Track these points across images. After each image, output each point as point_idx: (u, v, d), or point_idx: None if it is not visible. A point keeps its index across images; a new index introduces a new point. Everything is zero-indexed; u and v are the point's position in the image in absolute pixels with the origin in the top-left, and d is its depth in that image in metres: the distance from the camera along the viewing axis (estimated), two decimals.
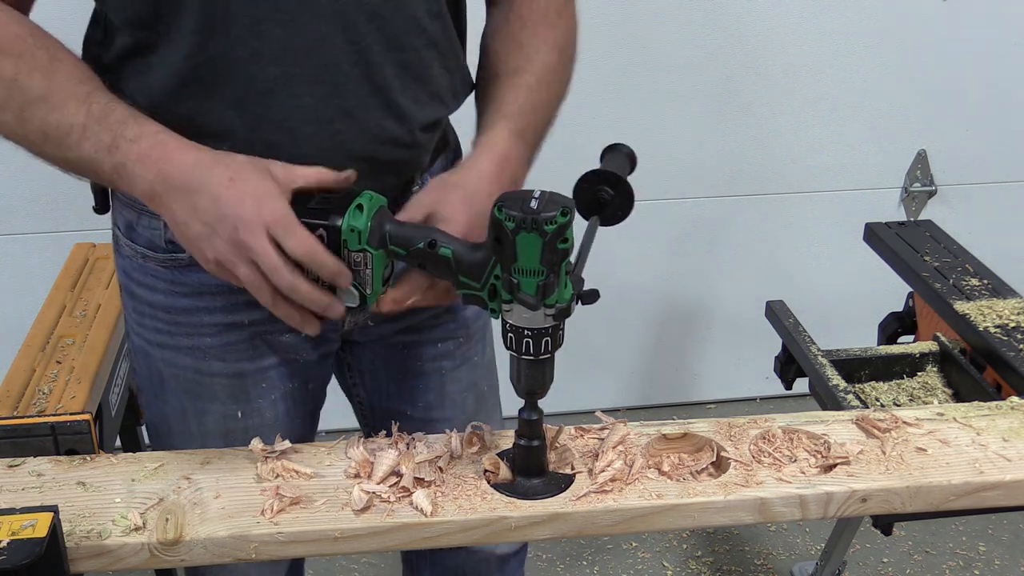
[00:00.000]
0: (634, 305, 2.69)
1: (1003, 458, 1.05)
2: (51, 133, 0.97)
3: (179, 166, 0.96)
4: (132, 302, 1.19)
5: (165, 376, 1.20)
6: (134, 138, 0.97)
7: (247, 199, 0.94)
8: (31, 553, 0.83)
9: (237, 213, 0.94)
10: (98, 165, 0.98)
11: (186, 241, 0.98)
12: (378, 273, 1.00)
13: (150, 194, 0.97)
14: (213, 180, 0.95)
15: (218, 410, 1.21)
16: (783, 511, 1.01)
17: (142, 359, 1.22)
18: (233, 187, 0.95)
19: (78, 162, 0.99)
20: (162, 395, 1.22)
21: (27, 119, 0.98)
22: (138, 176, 0.97)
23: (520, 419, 1.00)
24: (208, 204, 0.95)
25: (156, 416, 1.26)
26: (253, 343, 1.18)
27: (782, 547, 2.36)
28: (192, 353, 1.17)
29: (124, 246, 1.17)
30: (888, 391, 1.61)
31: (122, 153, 0.96)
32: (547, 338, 0.96)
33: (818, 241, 2.68)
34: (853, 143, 2.57)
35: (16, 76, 0.97)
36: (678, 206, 2.58)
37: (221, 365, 1.18)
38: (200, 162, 0.97)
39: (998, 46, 2.51)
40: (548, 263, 0.92)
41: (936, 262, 1.73)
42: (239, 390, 1.20)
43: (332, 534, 0.95)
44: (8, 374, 1.30)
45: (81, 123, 0.96)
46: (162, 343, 1.18)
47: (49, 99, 0.97)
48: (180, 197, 0.96)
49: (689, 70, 2.41)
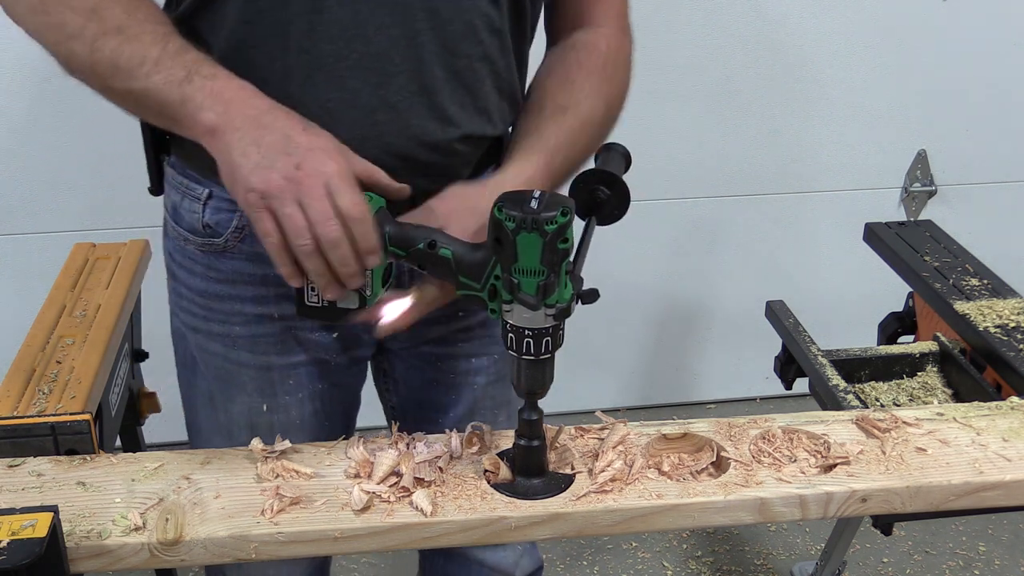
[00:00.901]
0: (634, 305, 2.69)
1: (1003, 458, 1.05)
2: (122, 63, 0.97)
3: (253, 106, 0.96)
4: (173, 283, 1.22)
5: (198, 359, 1.23)
6: (209, 75, 0.97)
7: (317, 147, 0.95)
8: (31, 553, 0.83)
9: (304, 154, 0.93)
10: (165, 95, 0.97)
11: (235, 173, 0.95)
12: (378, 274, 1.00)
13: (211, 127, 0.96)
14: (287, 123, 0.96)
15: (244, 401, 1.22)
16: (783, 511, 1.01)
17: (179, 341, 1.26)
18: (306, 134, 0.96)
19: (143, 93, 0.98)
20: (193, 379, 1.25)
21: (99, 48, 0.97)
22: (206, 109, 0.96)
23: (520, 419, 1.00)
24: (276, 140, 0.94)
25: (187, 398, 1.30)
26: (282, 338, 1.19)
27: (782, 547, 2.36)
28: (223, 340, 1.19)
29: (170, 228, 1.20)
30: (888, 391, 1.61)
31: (195, 87, 0.96)
32: (548, 338, 0.96)
33: (818, 241, 2.68)
34: (853, 143, 2.57)
35: (97, 7, 0.97)
36: (678, 206, 2.58)
37: (249, 356, 1.19)
38: (275, 107, 0.98)
39: (998, 46, 2.51)
40: (549, 263, 0.92)
41: (936, 262, 1.73)
42: (266, 383, 1.21)
43: (332, 534, 0.95)
44: (8, 374, 1.30)
45: (155, 56, 0.96)
46: (196, 327, 1.21)
47: (126, 31, 0.97)
48: (245, 131, 0.95)
49: (689, 70, 2.41)
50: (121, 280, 1.58)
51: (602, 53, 1.15)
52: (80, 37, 0.98)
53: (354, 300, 1.00)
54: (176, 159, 1.18)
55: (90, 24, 0.97)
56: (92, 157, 2.25)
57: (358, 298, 1.00)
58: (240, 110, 0.96)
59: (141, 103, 1.00)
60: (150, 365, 1.71)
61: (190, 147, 1.05)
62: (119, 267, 1.63)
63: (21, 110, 2.19)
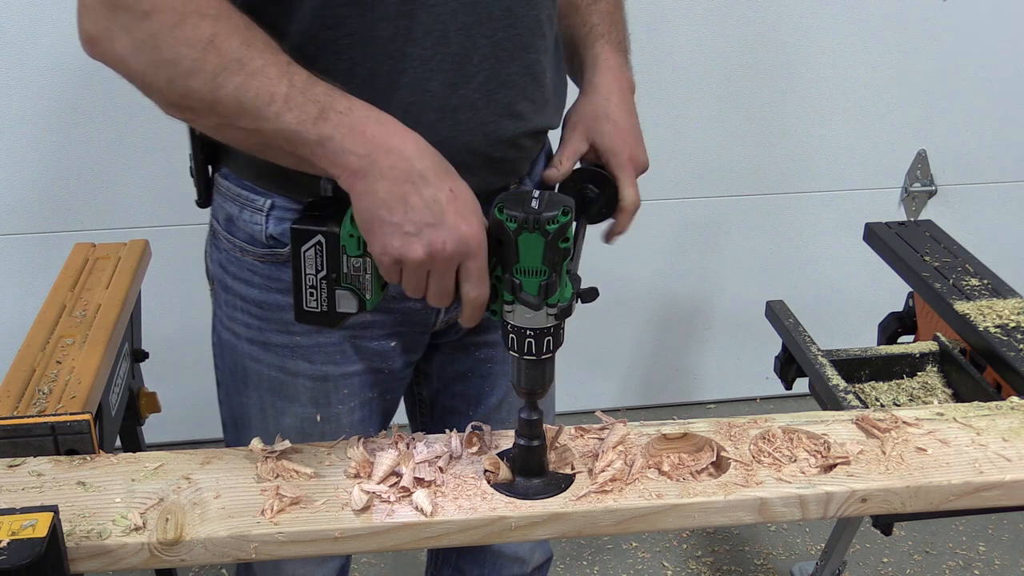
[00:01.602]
0: (634, 305, 2.69)
1: (1003, 458, 1.05)
2: (248, 102, 0.92)
3: (398, 152, 0.94)
4: (225, 295, 1.20)
5: (249, 371, 1.21)
6: (345, 110, 0.94)
7: (463, 220, 0.94)
8: (31, 553, 0.83)
9: (450, 231, 0.94)
10: (300, 137, 0.93)
11: (375, 226, 0.94)
12: (377, 278, 1.00)
13: (356, 171, 0.94)
14: (436, 182, 0.95)
15: (297, 412, 1.21)
16: (783, 511, 1.01)
17: (228, 352, 1.23)
18: (454, 200, 0.95)
19: (275, 134, 0.94)
20: (243, 390, 1.23)
21: (221, 85, 0.91)
22: (348, 151, 0.93)
23: (520, 419, 1.00)
24: (424, 202, 0.94)
25: (234, 411, 1.27)
26: (342, 348, 1.18)
27: (782, 547, 2.36)
28: (279, 351, 1.18)
29: (222, 239, 1.17)
30: (888, 391, 1.61)
31: (331, 124, 0.93)
32: (549, 338, 0.96)
33: (818, 241, 2.68)
34: (853, 143, 2.57)
35: (214, 38, 0.91)
36: (678, 206, 2.58)
37: (307, 366, 1.18)
38: (421, 153, 0.95)
39: (998, 46, 2.51)
40: (550, 263, 0.92)
41: (936, 262, 1.73)
42: (320, 394, 1.20)
43: (332, 534, 0.95)
44: (8, 374, 1.30)
45: (284, 93, 0.92)
46: (251, 337, 1.19)
47: (247, 64, 0.91)
48: (393, 183, 0.93)
49: (689, 70, 2.41)
50: (121, 280, 1.58)
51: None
52: (199, 73, 0.91)
53: (353, 305, 1.00)
54: (230, 171, 1.15)
55: (208, 58, 0.90)
56: (92, 157, 2.25)
57: (357, 303, 1.00)
58: (386, 154, 0.94)
59: (270, 143, 0.95)
60: (150, 365, 1.71)
61: (246, 158, 1.05)
62: (119, 267, 1.63)
63: (20, 110, 2.19)
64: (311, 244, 0.97)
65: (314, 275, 0.98)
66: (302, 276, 0.98)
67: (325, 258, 0.97)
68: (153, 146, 2.26)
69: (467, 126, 1.07)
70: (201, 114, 0.95)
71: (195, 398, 2.53)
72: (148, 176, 2.29)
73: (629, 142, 1.17)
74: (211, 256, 1.22)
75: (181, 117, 0.97)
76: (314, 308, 1.00)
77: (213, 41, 0.91)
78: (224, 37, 0.91)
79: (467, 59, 1.05)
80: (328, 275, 0.98)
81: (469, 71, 1.05)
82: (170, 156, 2.27)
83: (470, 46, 1.04)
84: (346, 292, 0.99)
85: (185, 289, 2.41)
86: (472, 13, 1.03)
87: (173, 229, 2.34)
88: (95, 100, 2.20)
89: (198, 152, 1.15)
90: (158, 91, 0.94)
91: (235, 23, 0.93)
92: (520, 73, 1.09)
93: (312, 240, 0.96)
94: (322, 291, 0.98)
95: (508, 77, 1.08)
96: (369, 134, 0.94)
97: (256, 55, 0.92)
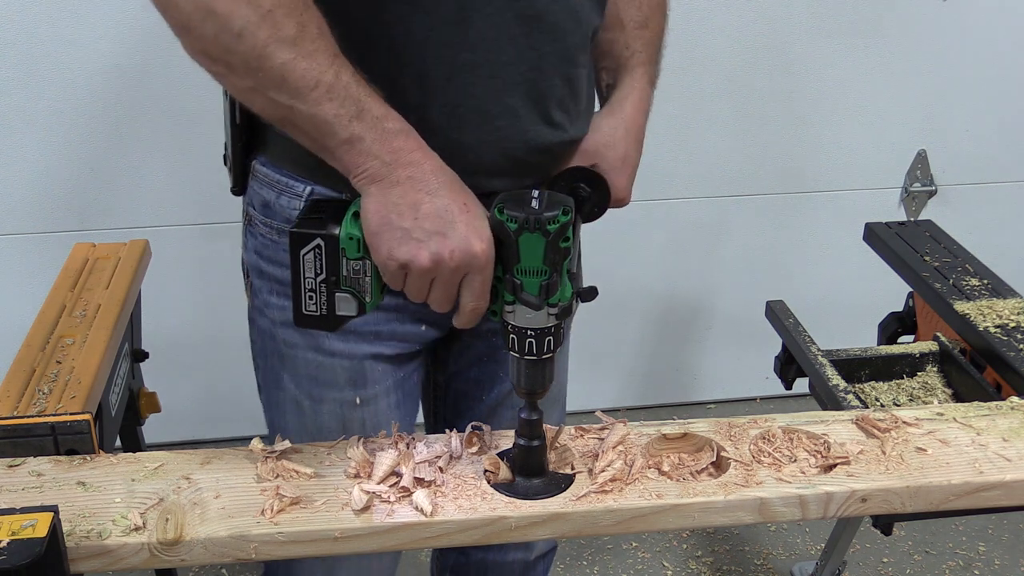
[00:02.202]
0: (634, 305, 2.69)
1: (1003, 458, 1.05)
2: (292, 80, 0.92)
3: (418, 165, 0.97)
4: (260, 281, 1.21)
5: (285, 358, 1.22)
6: (380, 116, 0.96)
7: (472, 234, 0.95)
8: (31, 553, 0.83)
9: (458, 241, 0.95)
10: (332, 128, 0.94)
11: (384, 230, 0.96)
12: (376, 280, 1.00)
13: (374, 176, 0.96)
14: (449, 195, 0.96)
15: (335, 397, 1.22)
16: (783, 511, 1.01)
17: (267, 342, 1.24)
18: (464, 213, 0.96)
19: (308, 118, 0.94)
20: (281, 382, 1.24)
21: (269, 55, 0.91)
22: (373, 154, 0.95)
23: (520, 419, 1.00)
24: (434, 211, 0.96)
25: (273, 411, 1.28)
26: (376, 330, 1.19)
27: (782, 547, 2.36)
28: (314, 331, 1.18)
29: (258, 224, 1.18)
30: (888, 391, 1.61)
31: (365, 127, 0.95)
32: (549, 337, 0.96)
33: (818, 241, 2.68)
34: (853, 143, 2.57)
35: (275, 8, 0.91)
36: (678, 206, 2.58)
37: (342, 345, 1.19)
38: (440, 171, 0.98)
39: (998, 46, 2.51)
40: (551, 263, 0.92)
41: (936, 262, 1.73)
42: (358, 374, 1.21)
43: (332, 534, 0.95)
44: (8, 374, 1.30)
45: (329, 81, 0.93)
46: (286, 320, 1.19)
47: (300, 44, 0.92)
48: (407, 191, 0.96)
49: (688, 70, 2.41)
50: (121, 280, 1.58)
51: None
52: (249, 38, 0.91)
53: (353, 308, 1.00)
54: (267, 159, 1.16)
55: (263, 26, 0.90)
56: (92, 157, 2.25)
57: (356, 306, 1.00)
58: (406, 166, 0.96)
59: (297, 124, 0.96)
60: (150, 365, 1.71)
61: (284, 146, 1.07)
62: (119, 267, 1.62)
63: (20, 110, 2.19)
64: (310, 248, 0.97)
65: (313, 278, 0.98)
66: (301, 280, 0.98)
67: (324, 261, 0.97)
68: (153, 146, 2.26)
69: (506, 132, 1.09)
70: (238, 74, 0.94)
71: (195, 398, 2.53)
72: (148, 176, 2.29)
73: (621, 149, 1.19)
74: (246, 246, 1.23)
75: (212, 69, 0.95)
76: (313, 312, 1.00)
77: (273, 12, 0.91)
78: (284, 13, 0.91)
79: (514, 68, 1.06)
80: (327, 278, 0.98)
81: (514, 80, 1.07)
82: (170, 156, 2.27)
83: (518, 56, 1.06)
84: (346, 295, 0.99)
85: (185, 289, 2.42)
86: (525, 24, 1.05)
87: (173, 229, 2.35)
88: (95, 100, 2.20)
89: (237, 140, 1.16)
90: (199, 38, 0.93)
91: (295, 2, 0.92)
92: (561, 85, 1.11)
93: (311, 244, 0.96)
94: (321, 294, 0.98)
95: (550, 88, 1.10)
96: (396, 145, 0.96)
97: (309, 39, 0.93)
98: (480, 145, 1.07)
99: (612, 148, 1.17)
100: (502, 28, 1.04)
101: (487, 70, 1.05)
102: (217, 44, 0.92)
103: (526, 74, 1.08)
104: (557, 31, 1.08)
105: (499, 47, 1.05)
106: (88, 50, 2.15)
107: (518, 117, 1.09)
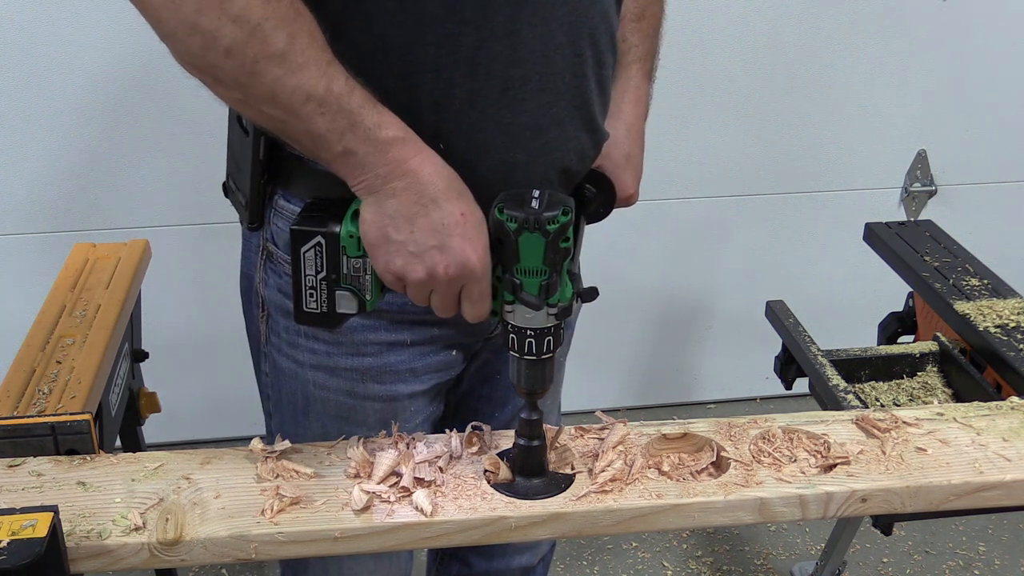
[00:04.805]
0: (634, 305, 2.69)
1: (1003, 458, 1.05)
2: (282, 96, 0.90)
3: (415, 175, 0.94)
4: (286, 321, 1.15)
5: (312, 399, 1.18)
6: (373, 126, 0.93)
7: (468, 246, 0.95)
8: (31, 553, 0.83)
9: (454, 255, 0.95)
10: (325, 142, 0.93)
11: (380, 243, 0.96)
12: (376, 279, 1.00)
13: (369, 185, 0.95)
14: (447, 206, 0.95)
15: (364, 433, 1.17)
16: (783, 511, 1.01)
17: (286, 382, 1.19)
18: (462, 224, 0.95)
19: (303, 134, 0.93)
20: (304, 420, 1.20)
21: (258, 72, 0.89)
22: (366, 167, 0.94)
23: (520, 419, 1.00)
24: (431, 224, 0.94)
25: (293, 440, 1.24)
26: (412, 366, 1.17)
27: (782, 547, 2.36)
28: (348, 375, 1.16)
29: (282, 263, 1.13)
30: (888, 391, 1.61)
31: (357, 140, 0.93)
32: (549, 337, 0.96)
33: (818, 241, 2.68)
34: (853, 143, 2.57)
35: (262, 23, 0.87)
36: (678, 206, 2.58)
37: (377, 388, 1.17)
38: (438, 177, 0.95)
39: (998, 46, 2.51)
40: (551, 263, 0.92)
41: (936, 262, 1.73)
42: (389, 414, 1.18)
43: (332, 534, 0.95)
44: (8, 374, 1.30)
45: (320, 96, 0.90)
46: (317, 364, 1.16)
47: (290, 60, 0.89)
48: (403, 202, 0.94)
49: (688, 71, 2.41)
50: (121, 280, 1.58)
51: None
52: (237, 55, 0.88)
53: (353, 306, 1.00)
54: (292, 194, 1.10)
55: (251, 43, 0.87)
56: (92, 157, 2.25)
57: (357, 303, 1.00)
58: (402, 177, 0.94)
59: (291, 136, 0.95)
60: (150, 365, 1.71)
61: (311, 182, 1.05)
62: (119, 267, 1.63)
63: (21, 110, 2.19)
64: (311, 245, 0.97)
65: (314, 276, 0.98)
66: (302, 277, 0.98)
67: (325, 259, 0.97)
68: (153, 146, 2.26)
69: (556, 143, 1.07)
70: (227, 88, 0.92)
71: (195, 398, 2.53)
72: (148, 176, 2.29)
73: (624, 147, 1.19)
74: (266, 283, 1.16)
75: (202, 80, 0.93)
76: (314, 309, 1.00)
77: (261, 27, 0.87)
78: (272, 26, 0.88)
79: (560, 78, 1.05)
80: (328, 276, 0.98)
81: (560, 89, 1.05)
82: (170, 156, 2.27)
83: (563, 65, 1.04)
84: (346, 293, 0.99)
85: (185, 289, 2.42)
86: (570, 32, 1.03)
87: (173, 229, 2.35)
88: (95, 100, 2.20)
89: (258, 176, 1.10)
90: (185, 52, 0.90)
91: (285, 10, 0.89)
92: (595, 88, 1.10)
93: (312, 241, 0.96)
94: (322, 292, 0.98)
95: (588, 93, 1.08)
96: (391, 156, 0.94)
97: (299, 51, 0.89)
98: (532, 161, 1.05)
99: (615, 147, 1.17)
100: (549, 38, 1.02)
101: (537, 83, 1.03)
102: (204, 60, 0.90)
103: (570, 82, 1.06)
104: (595, 35, 1.06)
105: (548, 58, 1.03)
106: (88, 50, 2.15)
107: (564, 127, 1.07)
